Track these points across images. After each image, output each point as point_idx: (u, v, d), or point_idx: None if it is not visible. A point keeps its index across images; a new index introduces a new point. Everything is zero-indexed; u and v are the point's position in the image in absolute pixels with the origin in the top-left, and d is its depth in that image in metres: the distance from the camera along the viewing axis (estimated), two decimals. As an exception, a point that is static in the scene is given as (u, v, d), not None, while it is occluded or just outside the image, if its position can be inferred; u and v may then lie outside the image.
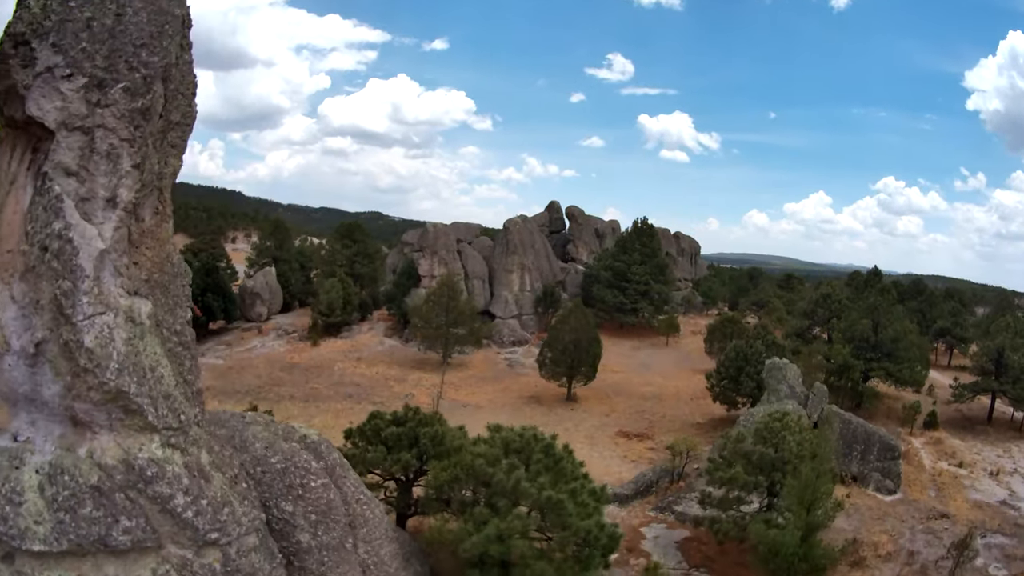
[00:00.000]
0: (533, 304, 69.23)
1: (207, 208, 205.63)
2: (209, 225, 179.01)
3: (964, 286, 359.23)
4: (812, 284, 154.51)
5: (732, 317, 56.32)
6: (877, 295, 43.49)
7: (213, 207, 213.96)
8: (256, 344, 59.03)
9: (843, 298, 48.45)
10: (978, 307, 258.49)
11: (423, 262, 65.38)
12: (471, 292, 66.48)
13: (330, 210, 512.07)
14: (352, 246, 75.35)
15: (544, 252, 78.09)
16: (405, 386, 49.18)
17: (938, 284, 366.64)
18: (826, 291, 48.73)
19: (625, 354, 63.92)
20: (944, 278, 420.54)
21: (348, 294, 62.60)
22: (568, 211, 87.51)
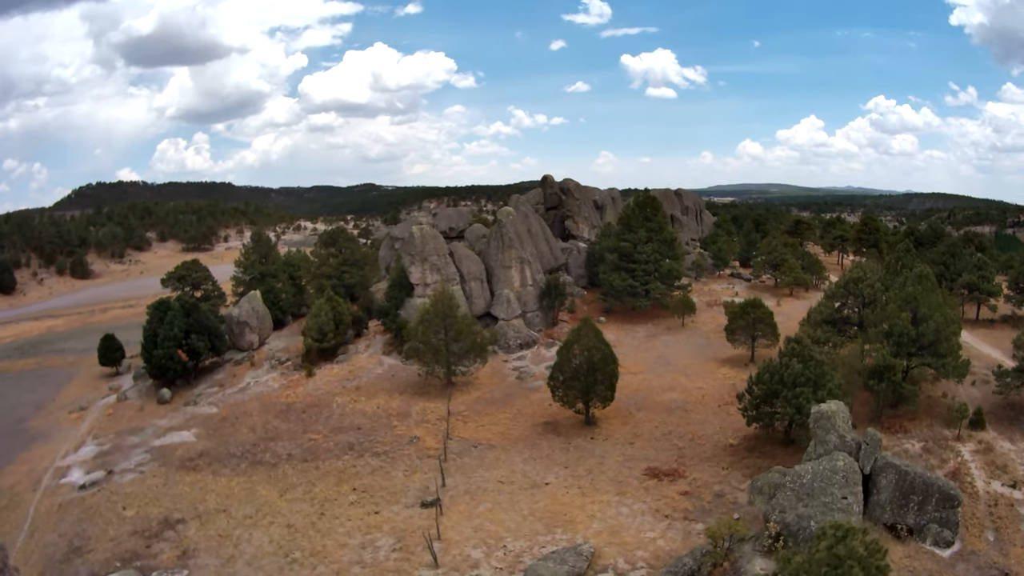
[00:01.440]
0: (537, 299, 66.33)
1: (196, 210, 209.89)
2: (200, 228, 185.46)
3: (965, 202, 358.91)
4: (820, 223, 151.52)
5: (754, 302, 53.39)
6: (915, 282, 40.50)
7: (202, 208, 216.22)
8: (249, 381, 56.62)
9: (875, 281, 45.35)
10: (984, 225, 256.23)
11: (413, 270, 62.13)
12: (469, 295, 63.56)
13: (323, 188, 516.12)
14: (338, 255, 71.93)
15: (542, 235, 74.81)
16: (409, 423, 46.77)
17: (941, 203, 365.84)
18: (856, 274, 45.50)
19: (640, 346, 61.45)
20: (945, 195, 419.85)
21: (339, 314, 59.91)
22: (563, 185, 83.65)
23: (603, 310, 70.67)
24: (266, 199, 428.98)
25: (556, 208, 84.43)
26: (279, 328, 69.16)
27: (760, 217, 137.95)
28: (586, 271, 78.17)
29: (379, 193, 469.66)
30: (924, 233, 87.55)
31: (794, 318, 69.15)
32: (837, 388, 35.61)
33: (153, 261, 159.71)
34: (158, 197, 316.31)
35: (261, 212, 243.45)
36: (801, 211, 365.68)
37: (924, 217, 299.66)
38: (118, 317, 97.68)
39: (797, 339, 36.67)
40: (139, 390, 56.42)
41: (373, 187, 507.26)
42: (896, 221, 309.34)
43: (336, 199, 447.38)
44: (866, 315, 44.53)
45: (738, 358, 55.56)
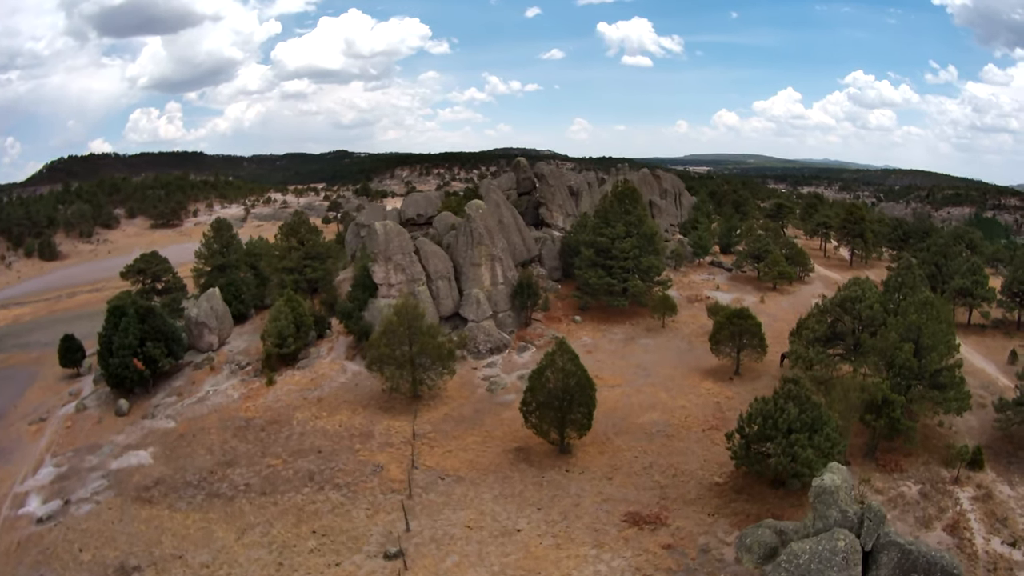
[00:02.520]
0: (509, 298, 63.37)
1: (165, 184, 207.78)
2: (168, 203, 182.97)
3: (943, 180, 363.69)
4: (801, 204, 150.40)
5: (741, 312, 51.12)
6: (919, 310, 38.45)
7: (171, 182, 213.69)
8: (208, 390, 53.68)
9: (874, 302, 43.21)
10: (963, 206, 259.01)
11: (377, 269, 58.59)
12: (436, 295, 60.36)
13: (295, 155, 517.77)
14: (300, 248, 68.15)
15: (515, 225, 71.54)
16: (372, 446, 43.98)
17: (919, 180, 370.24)
18: (853, 292, 43.27)
19: (618, 351, 59.12)
20: (923, 172, 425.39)
21: (299, 315, 56.88)
22: (537, 170, 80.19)
23: (578, 307, 68.06)
24: (238, 168, 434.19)
25: (529, 193, 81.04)
26: (241, 323, 66.57)
27: (739, 198, 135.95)
28: (560, 263, 75.35)
29: (352, 160, 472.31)
30: (912, 226, 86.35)
31: (780, 319, 67.83)
32: (835, 432, 33.54)
33: (121, 240, 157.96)
34: (130, 169, 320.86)
35: (231, 184, 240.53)
36: (777, 183, 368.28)
37: (903, 194, 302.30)
38: (85, 303, 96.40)
39: (795, 380, 34.35)
40: (98, 398, 53.88)
41: (346, 154, 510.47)
42: (874, 197, 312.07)
43: (308, 167, 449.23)
44: (864, 339, 42.47)
45: (722, 369, 53.54)
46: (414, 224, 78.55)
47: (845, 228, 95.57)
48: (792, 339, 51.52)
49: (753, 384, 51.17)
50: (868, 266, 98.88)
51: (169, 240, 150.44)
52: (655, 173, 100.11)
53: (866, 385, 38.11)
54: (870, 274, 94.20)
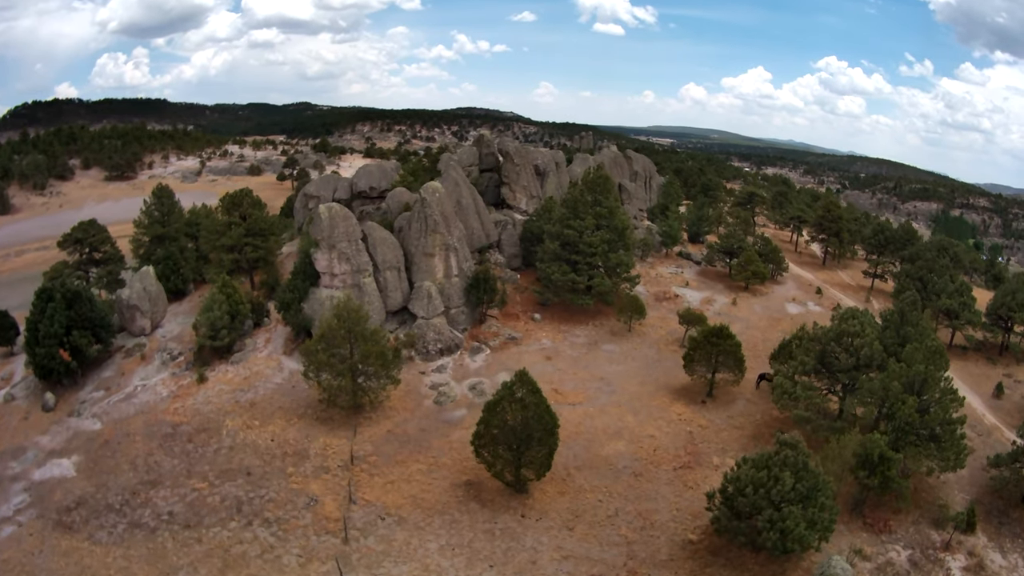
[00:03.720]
0: (463, 292, 58.78)
1: (122, 135, 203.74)
2: (124, 154, 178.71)
3: (910, 172, 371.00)
4: (771, 189, 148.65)
5: (718, 331, 47.64)
6: (927, 359, 35.57)
7: (128, 132, 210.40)
8: (137, 384, 49.97)
9: (874, 340, 40.04)
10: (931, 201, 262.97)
11: (320, 257, 53.20)
12: (384, 288, 55.46)
13: (258, 106, 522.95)
14: (241, 224, 62.52)
15: (473, 208, 66.65)
16: (307, 469, 39.98)
17: (884, 170, 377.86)
18: (851, 327, 39.97)
19: (580, 359, 55.42)
20: (889, 162, 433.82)
21: (235, 304, 52.39)
22: (502, 147, 75.00)
23: (538, 303, 63.99)
24: (201, 117, 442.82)
25: (492, 171, 75.97)
26: (180, 299, 63.16)
27: (709, 182, 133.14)
28: (520, 250, 70.93)
29: (314, 113, 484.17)
30: (895, 233, 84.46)
31: (753, 326, 65.24)
32: (830, 500, 30.45)
33: (75, 192, 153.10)
34: (93, 116, 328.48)
35: (189, 136, 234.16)
36: (742, 161, 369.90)
37: (869, 183, 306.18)
38: (32, 262, 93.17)
39: (792, 443, 30.86)
40: (27, 387, 51.03)
41: (309, 106, 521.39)
42: (839, 183, 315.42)
43: (271, 117, 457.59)
44: (862, 381, 39.44)
45: (693, 389, 50.38)
46: (366, 197, 73.52)
47: (821, 225, 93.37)
48: (773, 364, 48.72)
49: (727, 409, 48.26)
50: (842, 266, 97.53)
51: (122, 193, 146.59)
52: (626, 154, 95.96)
53: (864, 441, 35.11)
54: (843, 275, 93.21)
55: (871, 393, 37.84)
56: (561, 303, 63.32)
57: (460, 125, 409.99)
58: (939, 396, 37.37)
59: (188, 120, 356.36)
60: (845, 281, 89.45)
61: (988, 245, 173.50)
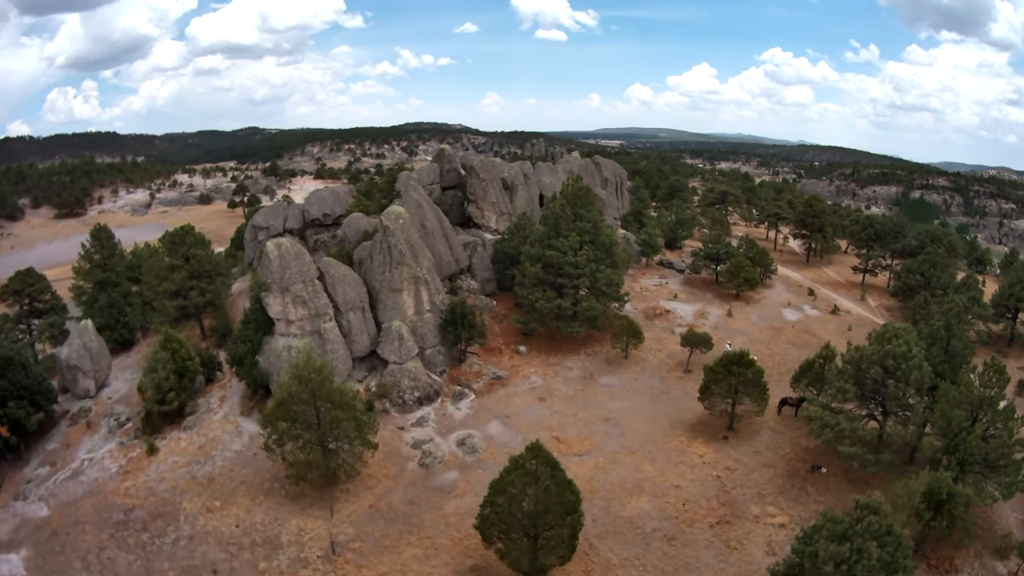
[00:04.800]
0: (438, 329, 52.97)
1: (70, 170, 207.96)
2: (73, 191, 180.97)
3: (862, 157, 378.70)
4: (741, 185, 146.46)
5: (739, 359, 42.61)
6: (990, 381, 31.31)
7: (77, 167, 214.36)
8: (84, 459, 44.43)
9: (921, 360, 35.30)
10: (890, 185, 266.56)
11: (272, 302, 46.72)
12: (348, 331, 49.27)
13: (207, 133, 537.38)
14: (184, 266, 56.27)
15: (440, 231, 60.93)
16: (281, 564, 34.38)
17: (837, 157, 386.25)
18: (897, 348, 35.14)
19: (577, 397, 50.08)
20: (841, 149, 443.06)
21: (181, 360, 46.89)
22: (465, 162, 69.44)
23: (521, 333, 58.51)
24: (150, 147, 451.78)
25: (455, 188, 70.38)
26: (127, 350, 58.81)
27: (675, 183, 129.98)
28: (494, 274, 65.44)
29: (263, 137, 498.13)
30: (884, 226, 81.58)
31: (756, 338, 60.88)
32: (910, 563, 25.66)
33: (25, 232, 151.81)
34: (44, 152, 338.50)
35: (139, 167, 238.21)
36: (693, 158, 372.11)
37: (825, 171, 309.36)
38: None
39: (874, 506, 25.79)
40: None
41: (257, 131, 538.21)
42: (794, 173, 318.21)
43: (220, 144, 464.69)
44: (916, 409, 34.96)
45: (709, 423, 45.47)
46: (320, 225, 67.59)
47: (804, 222, 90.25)
48: (795, 387, 44.52)
49: (752, 443, 43.48)
50: (826, 262, 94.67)
51: (72, 231, 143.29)
52: (595, 160, 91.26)
53: (931, 480, 30.60)
54: (830, 272, 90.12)
55: (931, 424, 33.47)
56: (547, 331, 58.00)
57: (409, 140, 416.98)
58: (1002, 417, 33.35)
59: (139, 151, 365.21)
60: (834, 279, 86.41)
61: (955, 225, 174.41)
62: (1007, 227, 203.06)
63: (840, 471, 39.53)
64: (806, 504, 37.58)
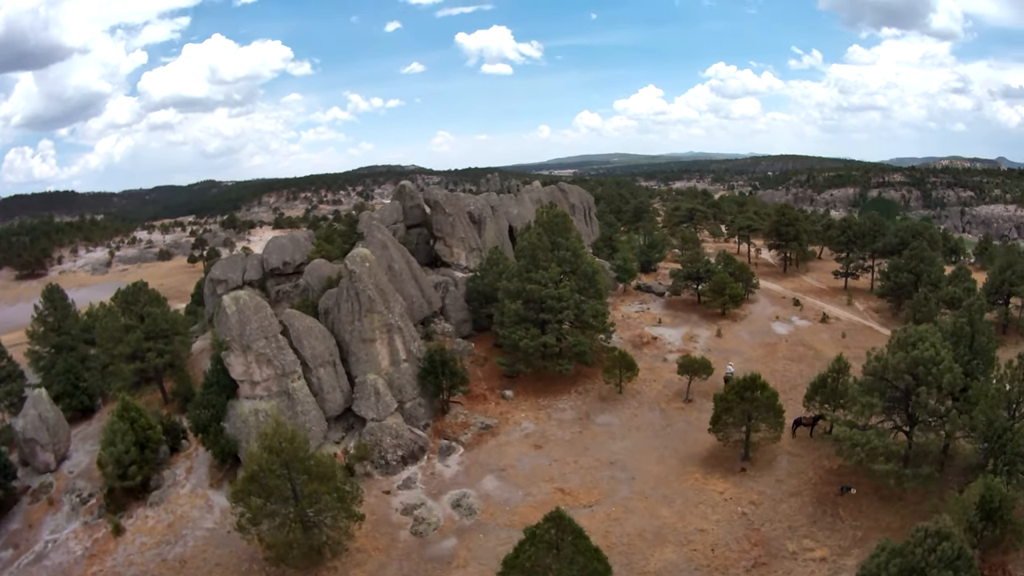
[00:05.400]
0: (416, 379, 49.42)
1: (30, 231, 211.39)
2: (33, 251, 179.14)
3: (814, 162, 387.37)
4: (703, 201, 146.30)
5: (752, 383, 39.88)
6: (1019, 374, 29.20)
7: (36, 228, 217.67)
8: (47, 540, 40.54)
9: (952, 363, 32.79)
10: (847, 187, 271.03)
11: (234, 362, 42.78)
12: (319, 390, 45.49)
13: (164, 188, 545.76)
14: (139, 326, 52.86)
15: (408, 273, 57.76)
16: None
17: (789, 165, 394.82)
18: (925, 352, 32.59)
19: (576, 441, 46.76)
20: (793, 156, 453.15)
21: (142, 430, 42.97)
22: (429, 197, 66.51)
23: (505, 376, 55.20)
24: (109, 205, 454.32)
25: (420, 226, 67.38)
26: (88, 418, 56.21)
27: (641, 206, 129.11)
28: (470, 314, 62.30)
29: (219, 190, 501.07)
30: (863, 226, 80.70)
31: (752, 358, 58.42)
32: None
33: None
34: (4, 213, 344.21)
35: (98, 225, 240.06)
36: (647, 180, 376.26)
37: (780, 180, 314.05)
38: None
39: (945, 532, 22.91)
40: None
41: (213, 184, 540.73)
42: (749, 185, 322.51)
43: (177, 199, 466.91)
44: (952, 416, 32.58)
45: (723, 455, 42.53)
46: (280, 275, 64.17)
47: (778, 231, 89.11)
48: (808, 405, 42.11)
49: (772, 472, 40.61)
50: (803, 271, 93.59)
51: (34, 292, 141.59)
52: (561, 187, 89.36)
53: (984, 489, 28.16)
54: (809, 280, 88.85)
55: (971, 428, 31.17)
56: (533, 372, 54.74)
57: (364, 185, 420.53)
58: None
59: (97, 209, 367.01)
60: (815, 286, 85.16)
61: (917, 219, 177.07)
62: (969, 215, 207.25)
63: (870, 490, 36.87)
64: (843, 532, 34.72)
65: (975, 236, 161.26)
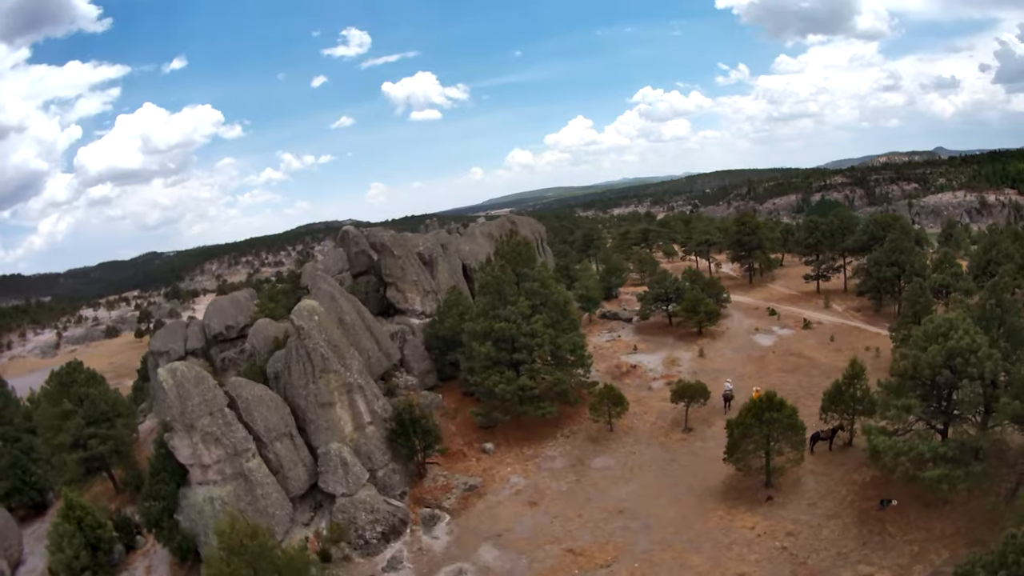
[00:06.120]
0: (386, 441, 44.42)
1: None
2: None
3: (751, 175, 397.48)
4: (659, 225, 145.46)
5: (770, 401, 36.05)
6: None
7: None
8: None
9: (990, 350, 29.82)
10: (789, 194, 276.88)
11: (179, 445, 37.21)
12: (278, 467, 40.10)
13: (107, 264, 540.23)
14: (78, 411, 47.40)
15: (361, 324, 52.90)
16: None
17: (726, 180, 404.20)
18: (962, 343, 29.19)
19: (573, 491, 42.31)
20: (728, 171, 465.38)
21: (91, 530, 38.07)
22: (375, 240, 61.99)
23: (481, 428, 50.55)
24: (55, 285, 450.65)
25: (367, 273, 62.82)
26: (41, 514, 52.85)
27: (590, 233, 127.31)
28: (433, 363, 57.70)
29: (162, 261, 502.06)
30: (831, 224, 79.40)
31: (745, 374, 55.26)
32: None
33: None
34: None
35: (44, 307, 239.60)
36: (585, 210, 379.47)
37: (720, 196, 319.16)
38: None
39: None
40: None
41: (156, 255, 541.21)
42: (690, 204, 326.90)
43: (122, 274, 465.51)
44: (1001, 404, 29.56)
45: (743, 487, 38.67)
46: (224, 340, 59.08)
47: (740, 242, 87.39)
48: (825, 416, 39.11)
49: (802, 496, 36.95)
50: (769, 279, 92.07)
51: None
52: (510, 219, 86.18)
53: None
54: (778, 288, 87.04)
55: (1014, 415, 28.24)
56: (512, 420, 50.19)
57: (304, 243, 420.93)
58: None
59: (44, 291, 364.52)
60: (786, 293, 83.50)
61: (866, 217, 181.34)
62: (917, 206, 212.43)
63: (911, 498, 33.49)
64: (898, 549, 31.06)
65: (929, 226, 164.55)
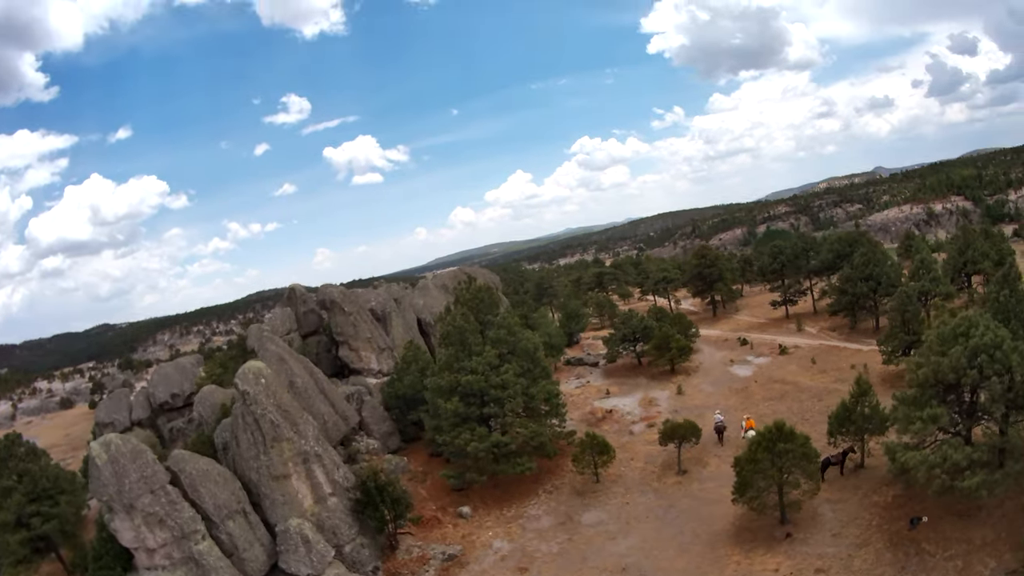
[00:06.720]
0: (351, 513, 40.06)
1: None
2: None
3: (694, 214, 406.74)
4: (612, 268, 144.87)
5: (779, 431, 33.30)
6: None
7: None
8: None
9: (1010, 349, 27.86)
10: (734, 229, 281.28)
11: (120, 526, 32.78)
12: (232, 549, 35.56)
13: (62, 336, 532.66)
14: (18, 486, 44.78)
15: (314, 387, 49.01)
16: None
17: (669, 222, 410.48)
18: (986, 340, 27.13)
19: (566, 551, 38.57)
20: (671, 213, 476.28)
21: None
22: (324, 297, 58.32)
23: (453, 490, 46.55)
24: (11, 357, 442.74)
25: (316, 333, 58.94)
26: None
27: (542, 283, 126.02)
28: (394, 424, 53.84)
29: (115, 332, 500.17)
30: (794, 248, 78.93)
31: (732, 407, 52.70)
32: None
33: None
34: None
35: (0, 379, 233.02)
36: (531, 263, 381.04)
37: (666, 237, 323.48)
38: None
39: None
40: None
41: (108, 327, 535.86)
42: (635, 248, 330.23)
43: (76, 346, 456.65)
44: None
45: (754, 526, 35.56)
46: (171, 409, 55.80)
47: (700, 276, 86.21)
48: (832, 440, 36.84)
49: (823, 527, 34.06)
50: (733, 310, 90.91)
51: None
52: (464, 270, 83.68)
53: None
54: (744, 317, 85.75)
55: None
56: (488, 479, 46.32)
57: (254, 311, 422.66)
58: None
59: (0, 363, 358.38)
60: (754, 322, 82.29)
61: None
62: (864, 226, 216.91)
63: (941, 511, 30.97)
64: (940, 567, 28.32)
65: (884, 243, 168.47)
